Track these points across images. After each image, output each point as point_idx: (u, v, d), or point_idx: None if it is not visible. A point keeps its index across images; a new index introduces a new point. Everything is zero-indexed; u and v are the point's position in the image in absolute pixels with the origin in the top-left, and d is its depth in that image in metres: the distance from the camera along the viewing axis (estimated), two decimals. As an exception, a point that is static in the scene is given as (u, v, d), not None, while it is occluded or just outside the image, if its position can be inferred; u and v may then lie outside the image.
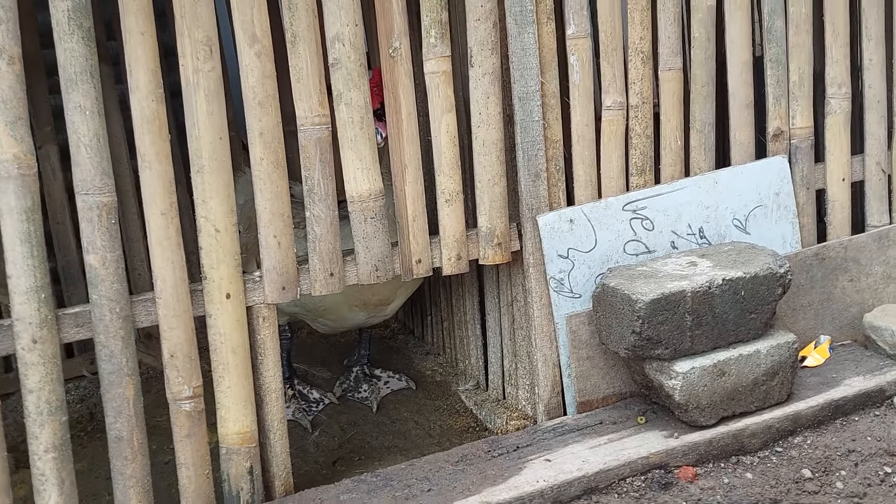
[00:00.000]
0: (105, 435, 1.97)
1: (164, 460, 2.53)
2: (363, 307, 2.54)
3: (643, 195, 2.43)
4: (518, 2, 2.22)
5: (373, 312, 2.59)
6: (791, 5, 2.59)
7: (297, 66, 2.02)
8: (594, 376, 2.39)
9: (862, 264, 2.71)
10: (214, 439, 2.11)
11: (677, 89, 2.47)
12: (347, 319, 2.62)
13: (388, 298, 2.57)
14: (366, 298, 2.50)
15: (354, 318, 2.61)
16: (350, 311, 2.55)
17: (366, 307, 2.54)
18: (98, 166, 1.84)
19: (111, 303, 1.90)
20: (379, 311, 2.60)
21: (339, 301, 2.45)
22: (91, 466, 2.57)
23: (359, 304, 2.51)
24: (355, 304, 2.51)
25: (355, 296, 2.46)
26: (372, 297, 2.51)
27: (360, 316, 2.60)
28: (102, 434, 2.00)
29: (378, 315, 2.63)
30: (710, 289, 2.18)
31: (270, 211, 2.04)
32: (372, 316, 2.62)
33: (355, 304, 2.51)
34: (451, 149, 2.22)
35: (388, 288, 2.49)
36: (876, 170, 2.79)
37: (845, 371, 2.49)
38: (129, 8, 1.82)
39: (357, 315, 2.58)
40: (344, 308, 2.52)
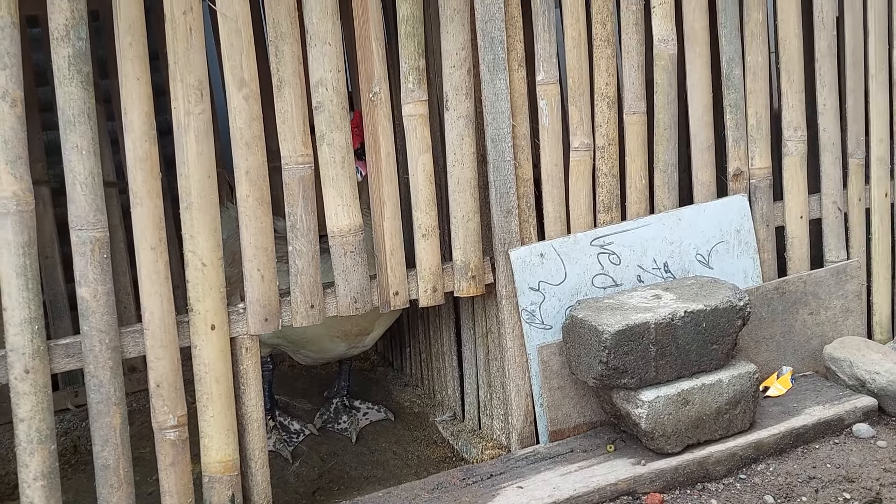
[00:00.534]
0: (89, 467, 2.03)
1: (147, 491, 2.58)
2: (344, 337, 2.63)
3: (610, 231, 2.56)
4: (491, 50, 2.36)
5: (353, 343, 2.68)
6: (748, 54, 2.75)
7: (283, 109, 2.14)
8: (565, 406, 2.48)
9: (821, 298, 2.83)
10: (197, 469, 2.18)
11: (641, 132, 2.61)
12: (329, 350, 2.70)
13: (367, 329, 2.66)
14: (346, 329, 2.59)
15: (335, 348, 2.69)
16: (331, 342, 2.64)
17: (346, 337, 2.63)
18: (92, 203, 1.94)
19: (101, 334, 1.98)
20: (359, 341, 2.69)
21: (321, 332, 2.54)
22: (76, 498, 2.62)
23: (339, 334, 2.60)
24: (336, 334, 2.60)
25: (336, 326, 2.56)
26: (352, 328, 2.60)
27: (340, 347, 2.68)
28: (86, 466, 2.07)
29: (358, 346, 2.72)
30: (673, 320, 2.29)
31: (255, 245, 2.13)
32: (352, 347, 2.71)
33: (336, 335, 2.60)
34: (428, 186, 2.33)
35: (367, 319, 2.58)
36: (832, 208, 2.94)
37: (806, 401, 2.60)
38: (126, 54, 1.93)
39: (338, 346, 2.67)
40: (325, 339, 2.61)
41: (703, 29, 2.66)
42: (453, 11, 2.29)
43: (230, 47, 2.05)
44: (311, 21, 2.14)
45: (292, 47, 2.12)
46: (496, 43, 2.36)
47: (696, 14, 2.64)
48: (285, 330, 2.43)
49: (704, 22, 2.65)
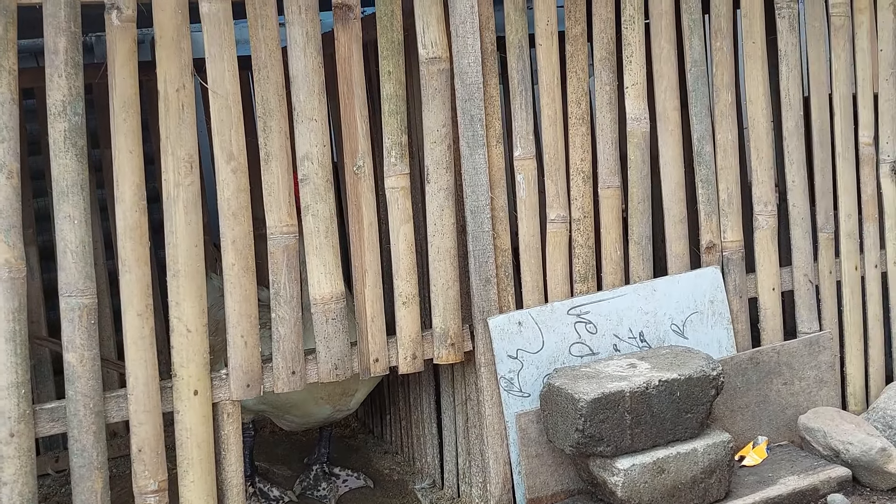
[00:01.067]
0: (69, 533, 2.04)
1: (126, 557, 2.57)
2: (329, 399, 2.65)
3: (586, 301, 2.63)
4: (470, 127, 2.47)
5: (338, 405, 2.70)
6: (718, 132, 2.87)
7: (270, 181, 2.23)
8: (543, 473, 2.51)
9: (795, 368, 2.89)
10: (176, 536, 2.19)
11: (616, 205, 2.71)
12: (314, 414, 2.72)
13: (351, 390, 2.69)
14: (331, 390, 2.62)
15: (320, 412, 2.71)
16: (316, 405, 2.66)
17: (331, 399, 2.66)
18: (82, 271, 2.00)
19: (86, 398, 2.02)
20: (343, 403, 2.71)
21: (305, 395, 2.57)
22: (54, 564, 2.61)
23: (325, 396, 2.63)
24: (321, 396, 2.63)
25: (321, 388, 2.58)
26: (336, 389, 2.63)
27: (325, 410, 2.70)
28: (66, 532, 2.08)
29: (343, 409, 2.74)
30: (648, 389, 2.35)
31: (239, 312, 2.19)
32: (337, 409, 2.73)
33: (321, 397, 2.63)
34: (409, 255, 2.41)
35: (351, 380, 2.61)
36: (804, 281, 3.02)
37: (781, 470, 2.63)
38: (121, 129, 2.02)
39: (323, 409, 2.69)
40: (310, 402, 2.64)
41: (675, 109, 2.79)
42: (434, 91, 2.41)
43: (220, 122, 2.15)
44: (299, 98, 2.24)
45: (280, 123, 2.22)
46: (475, 120, 2.47)
47: (667, 94, 2.77)
48: (269, 395, 2.47)
49: (675, 102, 2.78)
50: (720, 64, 2.84)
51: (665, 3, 2.73)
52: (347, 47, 2.32)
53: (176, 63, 2.07)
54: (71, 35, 1.97)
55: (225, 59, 2.13)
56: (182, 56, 2.08)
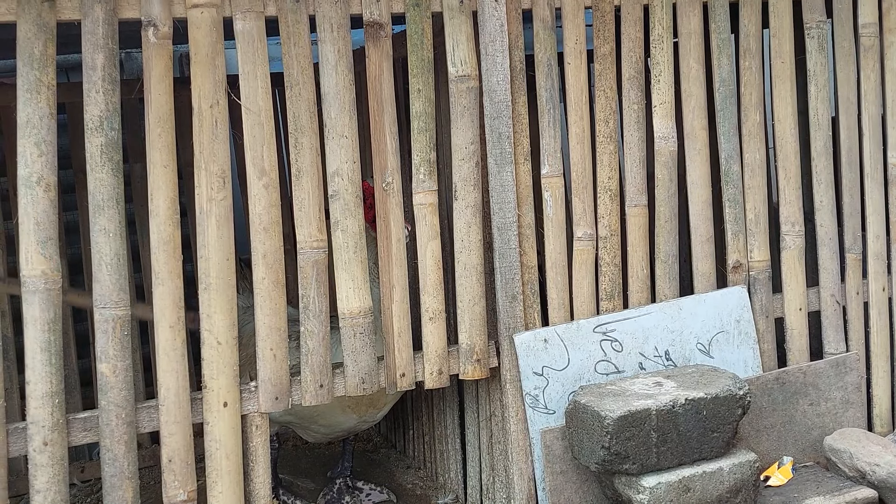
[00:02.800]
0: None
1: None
2: (356, 408, 2.67)
3: (612, 318, 2.63)
4: (498, 144, 2.49)
5: (364, 416, 2.72)
6: (746, 152, 2.87)
7: (300, 196, 2.26)
8: (567, 490, 2.51)
9: (821, 389, 2.87)
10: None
11: (643, 223, 2.71)
12: (340, 424, 2.73)
13: (379, 401, 2.70)
14: (358, 399, 2.62)
15: (346, 422, 2.72)
16: (343, 414, 2.68)
17: (357, 409, 2.67)
18: (116, 283, 2.03)
19: (118, 409, 2.05)
20: (370, 415, 2.73)
21: (334, 404, 2.58)
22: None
23: (352, 404, 2.64)
24: (349, 404, 2.64)
25: (349, 397, 2.59)
26: (364, 399, 2.64)
27: (351, 419, 2.71)
28: (92, 542, 2.10)
29: (368, 420, 2.76)
30: (674, 408, 2.34)
31: (269, 325, 2.22)
32: (362, 420, 2.74)
33: (349, 405, 2.65)
34: (436, 271, 2.43)
35: (380, 392, 2.62)
36: (831, 301, 3.01)
37: (807, 491, 2.61)
38: (155, 144, 2.06)
39: (349, 418, 2.71)
40: (337, 411, 2.65)
41: (703, 128, 2.79)
42: (463, 108, 2.43)
43: (252, 139, 2.18)
44: (330, 115, 2.27)
45: (311, 139, 2.25)
46: (503, 138, 2.49)
47: (695, 114, 2.78)
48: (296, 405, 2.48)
49: (703, 121, 2.79)
50: (748, 83, 2.85)
51: (694, 22, 2.74)
52: (378, 65, 2.35)
53: (210, 79, 2.11)
54: (108, 51, 2.01)
55: (258, 76, 2.17)
56: (216, 73, 2.11)
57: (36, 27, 1.95)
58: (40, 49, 1.96)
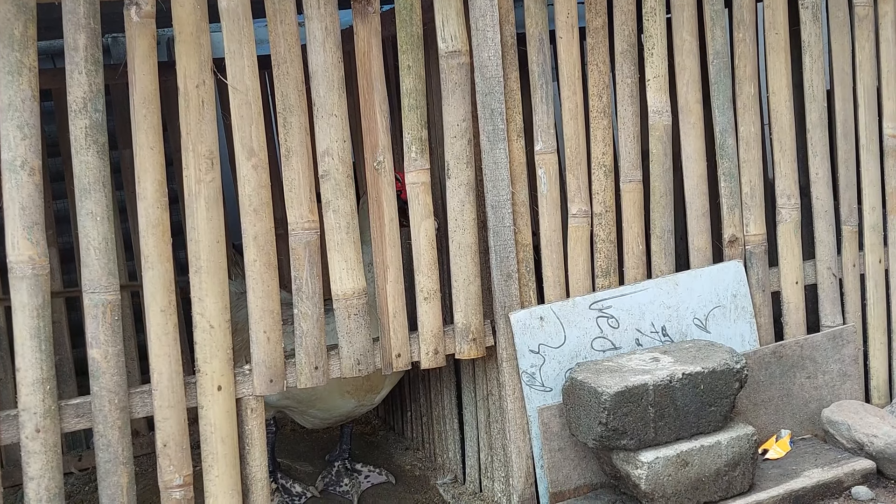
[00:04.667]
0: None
1: (149, 553, 2.59)
2: (355, 392, 2.65)
3: (608, 295, 2.62)
4: (490, 121, 2.46)
5: (362, 400, 2.70)
6: (741, 125, 2.84)
7: (290, 177, 2.23)
8: (566, 467, 2.50)
9: (818, 362, 2.87)
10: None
11: (638, 199, 2.69)
12: (338, 408, 2.71)
13: (377, 385, 2.69)
14: (357, 384, 2.61)
15: (345, 405, 2.70)
16: (342, 399, 2.66)
17: (357, 393, 2.65)
18: (105, 267, 2.01)
19: (111, 394, 2.03)
20: (368, 399, 2.71)
21: (332, 388, 2.57)
22: (79, 560, 2.63)
23: (351, 389, 2.63)
24: (347, 389, 2.62)
25: (348, 381, 2.58)
26: (363, 383, 2.62)
27: (350, 403, 2.70)
28: (90, 529, 2.09)
29: (366, 403, 2.74)
30: (671, 382, 2.33)
31: (261, 308, 2.20)
32: (360, 405, 2.72)
33: (347, 390, 2.63)
34: (430, 251, 2.40)
35: (378, 375, 2.61)
36: (827, 274, 2.99)
37: (805, 463, 2.61)
38: (141, 125, 2.03)
39: (348, 402, 2.69)
40: (336, 395, 2.63)
41: (697, 101, 2.76)
42: (454, 85, 2.40)
43: (240, 119, 2.15)
44: (319, 94, 2.24)
45: (300, 118, 2.22)
46: (496, 114, 2.46)
47: (689, 87, 2.75)
48: (294, 390, 2.47)
49: (698, 95, 2.76)
50: (743, 56, 2.82)
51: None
52: (367, 41, 2.31)
53: (195, 59, 2.07)
54: (91, 31, 1.97)
55: (244, 55, 2.13)
56: (201, 52, 2.08)
57: (16, 8, 1.91)
58: (20, 30, 1.92)
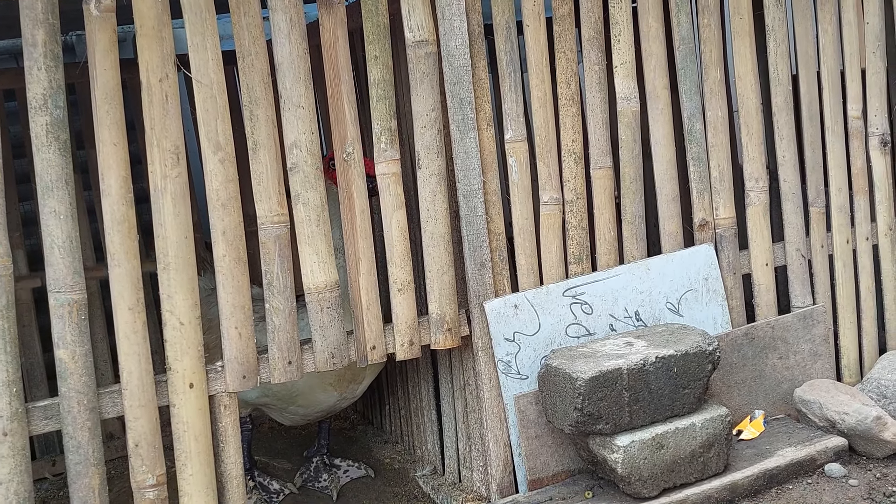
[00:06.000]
0: (67, 535, 2.03)
1: (125, 555, 2.55)
2: (337, 385, 2.63)
3: (581, 282, 2.62)
4: (460, 111, 2.45)
5: (345, 392, 2.68)
6: (708, 110, 2.86)
7: (258, 170, 2.21)
8: (543, 454, 2.51)
9: (789, 343, 2.90)
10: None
11: (608, 185, 2.70)
12: (321, 402, 2.69)
13: (360, 376, 2.66)
14: (340, 375, 2.59)
15: (328, 399, 2.68)
16: (324, 393, 2.63)
17: (339, 384, 2.63)
18: (70, 266, 1.97)
19: (79, 395, 2.00)
20: (351, 391, 2.69)
21: (314, 382, 2.55)
22: (52, 565, 2.59)
23: (333, 381, 2.60)
24: (330, 381, 2.60)
25: (331, 373, 2.56)
26: (345, 374, 2.60)
27: (333, 397, 2.67)
28: (64, 535, 2.06)
29: (348, 397, 2.72)
30: (645, 366, 2.34)
31: (232, 304, 2.17)
32: (343, 398, 2.70)
33: (329, 383, 2.60)
34: (402, 242, 2.39)
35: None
36: (796, 255, 3.02)
37: (779, 442, 2.64)
38: (104, 121, 2.00)
39: (330, 396, 2.66)
40: (317, 389, 2.61)
41: (665, 87, 2.77)
42: (422, 74, 2.39)
43: (206, 112, 2.12)
44: (285, 86, 2.22)
45: (266, 111, 2.19)
46: (465, 104, 2.45)
47: (656, 73, 2.76)
48: (274, 386, 2.44)
49: (665, 81, 2.77)
50: (708, 41, 2.83)
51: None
52: (332, 32, 2.29)
53: (158, 52, 2.04)
54: (49, 27, 1.94)
55: (208, 47, 2.10)
56: (164, 45, 2.05)
57: (-29, 4, 1.87)
58: (-23, 26, 1.88)
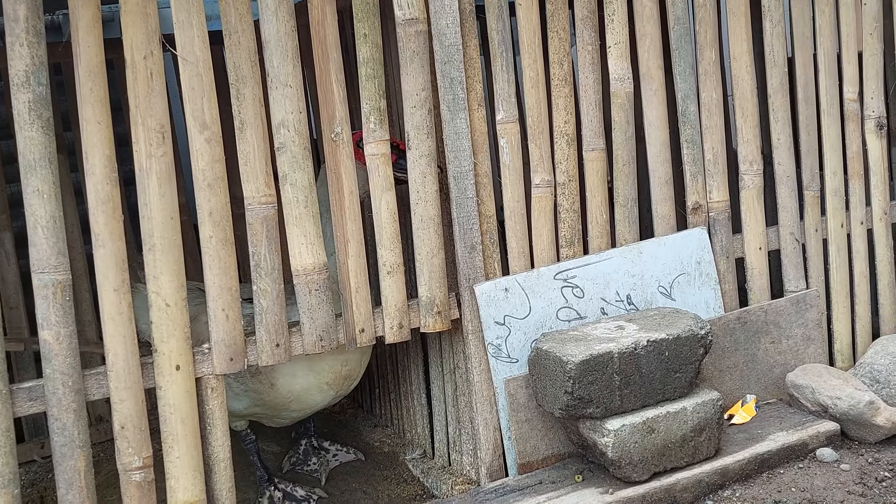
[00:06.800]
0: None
1: (113, 538, 2.54)
2: (334, 384, 2.55)
3: (573, 265, 2.60)
4: (451, 91, 2.42)
5: (340, 389, 2.60)
6: (703, 91, 2.83)
7: (245, 150, 2.17)
8: (533, 438, 2.49)
9: (782, 327, 2.88)
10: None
11: (601, 168, 2.67)
12: (316, 403, 2.60)
13: (355, 372, 2.60)
14: (336, 372, 2.53)
15: (324, 399, 2.60)
16: (320, 393, 2.55)
17: (336, 383, 2.56)
18: (54, 246, 1.94)
19: (64, 377, 1.97)
20: (346, 387, 2.62)
21: (311, 383, 2.49)
22: (40, 548, 2.58)
23: (330, 380, 2.53)
24: (327, 381, 2.53)
25: (327, 372, 2.51)
26: (342, 369, 2.54)
27: (329, 395, 2.59)
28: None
29: (342, 393, 2.64)
30: (636, 350, 2.32)
31: (219, 286, 2.15)
32: (338, 394, 2.63)
33: (326, 383, 2.53)
34: (392, 224, 2.37)
35: (355, 358, 2.56)
36: (790, 239, 3.00)
37: (770, 427, 2.63)
38: (87, 99, 1.96)
39: (327, 395, 2.58)
40: (314, 391, 2.53)
41: (658, 68, 2.74)
42: (412, 53, 2.36)
43: (191, 91, 2.09)
44: (272, 64, 2.18)
45: (253, 90, 2.16)
46: (456, 83, 2.42)
47: (650, 54, 2.73)
48: (267, 395, 2.42)
49: (659, 61, 2.74)
50: (703, 21, 2.80)
51: (645, -41, 2.68)
52: (321, 9, 2.26)
53: (142, 29, 2.01)
54: (31, 2, 1.90)
55: (193, 24, 2.07)
56: (148, 22, 2.01)
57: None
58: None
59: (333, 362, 2.48)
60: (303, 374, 2.47)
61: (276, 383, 2.46)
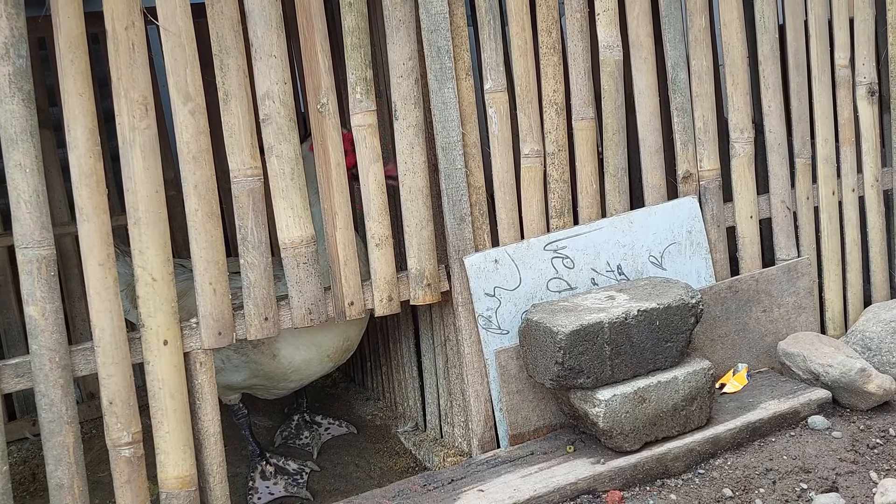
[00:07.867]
0: (48, 494, 2.00)
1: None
2: (334, 355, 2.56)
3: (563, 235, 2.59)
4: (438, 60, 2.39)
5: (339, 360, 2.61)
6: (693, 59, 2.80)
7: (230, 122, 2.15)
8: (525, 409, 2.50)
9: (773, 296, 2.88)
10: (156, 491, 2.15)
11: (591, 137, 2.65)
12: (314, 374, 2.60)
13: (354, 344, 2.61)
14: (338, 346, 2.53)
15: (322, 370, 2.60)
16: (320, 364, 2.55)
17: (336, 354, 2.56)
18: (38, 221, 1.92)
19: (51, 352, 1.96)
20: (344, 357, 2.63)
21: (312, 356, 2.49)
22: (32, 524, 2.58)
23: (332, 353, 2.54)
24: (328, 354, 2.53)
25: (328, 345, 2.51)
26: (343, 343, 2.55)
27: (327, 367, 2.60)
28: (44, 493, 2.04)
29: (341, 362, 2.65)
30: (627, 319, 2.32)
31: (206, 259, 2.13)
32: (336, 365, 2.64)
33: (327, 355, 2.53)
34: (380, 196, 2.35)
35: (355, 331, 2.57)
36: (781, 207, 2.99)
37: (762, 395, 2.63)
38: (68, 71, 1.93)
39: (325, 367, 2.59)
40: (315, 363, 2.53)
41: (648, 35, 2.71)
42: (399, 22, 2.32)
43: (174, 62, 2.05)
44: (256, 34, 2.15)
45: (237, 60, 2.13)
46: (443, 52, 2.39)
47: (639, 20, 2.70)
48: (267, 366, 2.41)
49: (649, 28, 2.71)
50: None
51: (634, -76, 2.64)
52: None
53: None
54: (9, -27, 1.86)
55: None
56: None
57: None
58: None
59: (335, 336, 2.49)
60: (305, 347, 2.47)
61: (279, 354, 2.46)
